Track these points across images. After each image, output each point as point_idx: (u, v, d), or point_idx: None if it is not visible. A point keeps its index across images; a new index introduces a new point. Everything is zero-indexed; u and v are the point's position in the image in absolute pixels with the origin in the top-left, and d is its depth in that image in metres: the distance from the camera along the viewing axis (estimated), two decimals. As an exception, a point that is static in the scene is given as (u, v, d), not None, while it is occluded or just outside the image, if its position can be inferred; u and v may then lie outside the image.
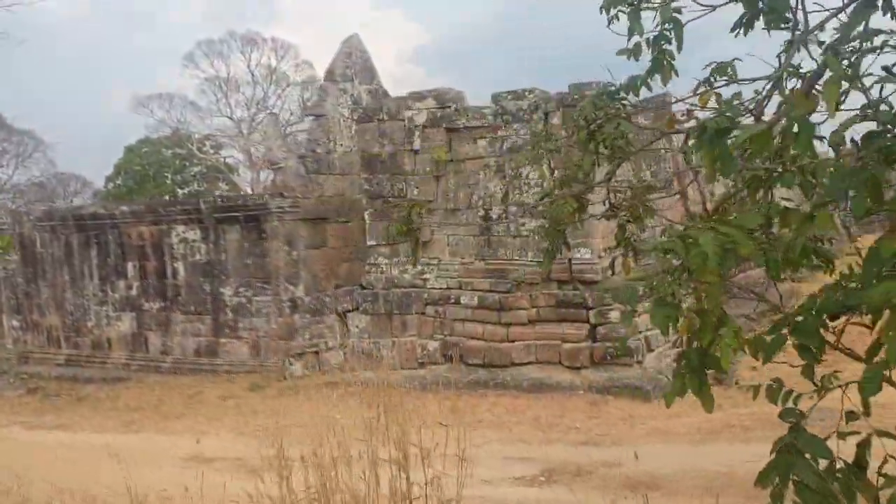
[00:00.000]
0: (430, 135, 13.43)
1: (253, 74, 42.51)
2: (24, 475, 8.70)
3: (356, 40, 16.68)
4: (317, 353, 13.89)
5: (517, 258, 12.96)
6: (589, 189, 3.83)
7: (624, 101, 3.51)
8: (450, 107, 13.31)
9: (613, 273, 12.71)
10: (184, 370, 16.29)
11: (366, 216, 14.13)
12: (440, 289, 13.33)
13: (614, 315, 11.86)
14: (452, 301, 13.01)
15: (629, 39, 3.11)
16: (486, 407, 11.28)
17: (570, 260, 12.51)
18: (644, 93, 3.30)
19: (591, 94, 3.86)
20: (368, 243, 14.18)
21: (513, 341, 12.48)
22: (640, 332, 12.36)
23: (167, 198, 33.18)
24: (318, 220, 15.62)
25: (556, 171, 12.62)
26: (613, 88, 3.44)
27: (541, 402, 11.30)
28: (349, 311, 13.96)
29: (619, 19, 3.09)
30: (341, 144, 16.20)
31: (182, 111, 43.17)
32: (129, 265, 17.16)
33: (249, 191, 36.26)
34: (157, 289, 16.86)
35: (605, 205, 4.07)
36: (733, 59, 2.92)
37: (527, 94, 12.70)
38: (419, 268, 13.69)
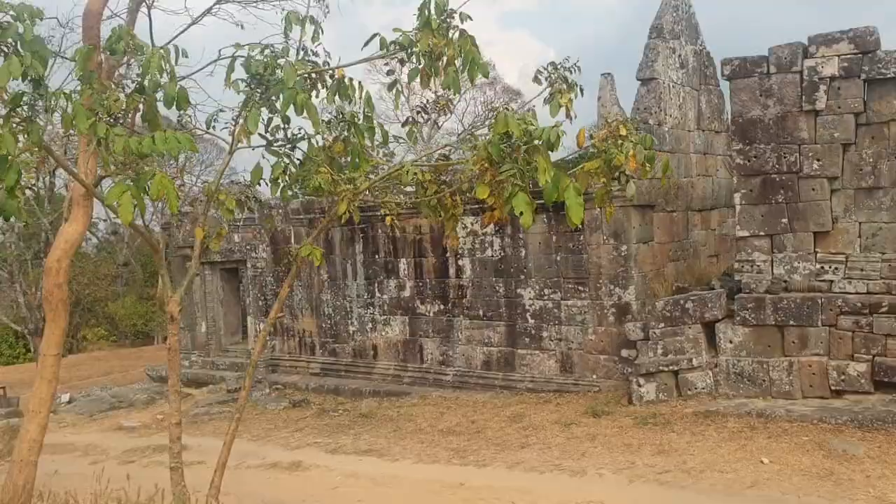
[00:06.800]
0: (841, 89, 10.17)
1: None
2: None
3: (682, -9, 13.71)
4: (675, 372, 10.88)
5: (982, 253, 9.44)
6: None
7: None
8: (871, 51, 10.00)
9: None
10: (469, 384, 13.77)
11: (736, 198, 11.02)
12: (858, 293, 9.99)
13: None
14: (885, 310, 9.63)
15: None
16: None
17: None
18: None
19: None
20: (738, 234, 11.04)
21: None
22: None
23: None
24: (646, 209, 12.70)
25: None
26: None
27: None
28: (717, 321, 10.87)
29: None
30: (670, 115, 13.21)
31: None
32: (402, 262, 14.91)
33: None
34: (435, 290, 14.48)
35: None
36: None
37: None
38: (815, 266, 10.42)
